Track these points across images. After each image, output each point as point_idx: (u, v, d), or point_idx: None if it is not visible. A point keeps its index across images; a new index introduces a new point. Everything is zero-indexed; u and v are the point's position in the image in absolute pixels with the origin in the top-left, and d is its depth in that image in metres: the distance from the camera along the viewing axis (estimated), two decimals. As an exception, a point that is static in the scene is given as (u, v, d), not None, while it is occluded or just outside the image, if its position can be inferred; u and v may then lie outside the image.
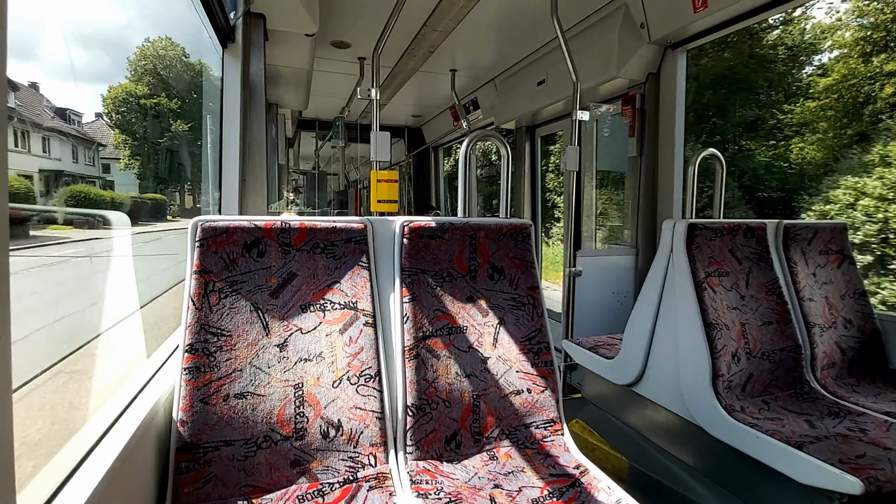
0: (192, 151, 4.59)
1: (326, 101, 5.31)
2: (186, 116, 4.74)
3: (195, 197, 4.70)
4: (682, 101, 2.65)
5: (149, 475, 0.99)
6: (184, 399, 1.04)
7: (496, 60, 3.91)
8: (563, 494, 1.11)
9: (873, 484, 1.15)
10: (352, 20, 3.08)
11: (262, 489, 1.06)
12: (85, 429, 0.88)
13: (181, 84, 4.83)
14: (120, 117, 4.96)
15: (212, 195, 2.27)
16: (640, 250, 2.79)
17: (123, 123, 4.89)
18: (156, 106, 4.85)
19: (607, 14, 2.78)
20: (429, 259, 1.33)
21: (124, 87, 5.03)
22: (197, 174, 4.36)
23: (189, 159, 4.98)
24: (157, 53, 5.03)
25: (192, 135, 4.53)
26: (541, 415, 1.35)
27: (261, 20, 2.30)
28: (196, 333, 1.08)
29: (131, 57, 5.23)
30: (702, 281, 1.66)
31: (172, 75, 4.91)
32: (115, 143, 4.69)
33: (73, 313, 1.50)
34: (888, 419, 1.50)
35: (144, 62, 5.11)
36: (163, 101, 4.86)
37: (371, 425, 1.17)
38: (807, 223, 1.99)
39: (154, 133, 4.77)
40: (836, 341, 1.86)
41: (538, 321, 1.41)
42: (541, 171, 4.46)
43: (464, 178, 1.63)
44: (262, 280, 1.17)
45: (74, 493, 0.70)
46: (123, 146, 4.72)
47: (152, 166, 4.63)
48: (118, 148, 4.69)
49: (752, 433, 1.41)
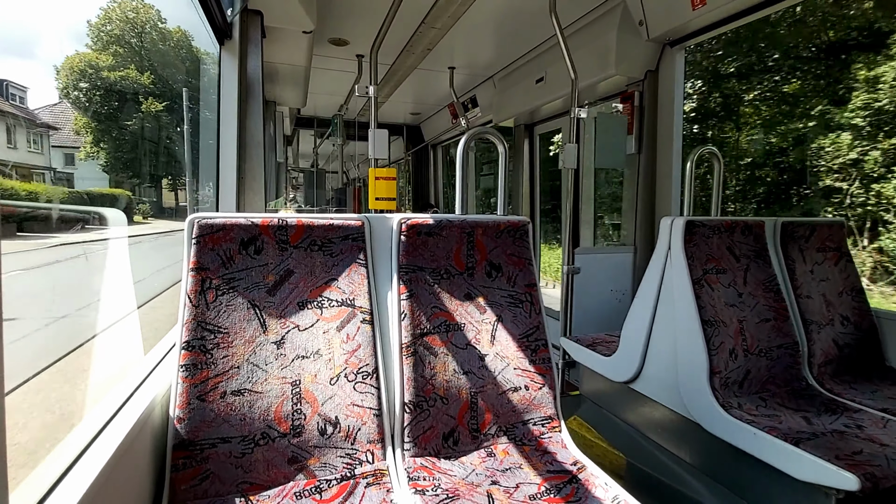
0: (170, 136, 4.05)
1: (325, 98, 5.30)
2: (163, 96, 4.11)
3: (177, 193, 4.22)
4: (681, 99, 2.65)
5: (146, 472, 0.99)
6: (181, 396, 1.04)
7: (495, 58, 3.90)
8: (560, 491, 1.12)
9: (870, 480, 1.16)
10: (350, 17, 3.07)
11: (259, 486, 1.06)
12: (80, 426, 0.88)
13: (156, 56, 4.20)
14: (79, 94, 4.12)
15: (189, 189, 2.14)
16: (639, 247, 2.80)
17: (83, 102, 4.14)
18: (122, 80, 4.09)
19: (606, 11, 2.78)
20: (426, 256, 1.33)
21: (84, 56, 4.19)
22: (177, 165, 3.96)
23: (169, 147, 4.26)
24: (126, 17, 4.27)
25: (169, 117, 3.98)
26: (538, 412, 1.35)
27: (258, 17, 2.30)
28: (193, 330, 1.08)
29: (94, 20, 4.31)
30: (699, 278, 1.66)
31: (146, 45, 4.21)
32: (76, 127, 3.99)
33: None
34: (885, 416, 1.50)
35: (111, 27, 4.31)
36: (132, 73, 4.10)
37: (368, 422, 1.17)
38: (804, 220, 1.99)
39: (123, 115, 4.06)
40: (834, 338, 1.86)
41: (536, 318, 1.41)
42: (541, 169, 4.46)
43: (461, 176, 1.63)
44: (260, 277, 1.17)
45: (70, 490, 0.70)
46: (86, 131, 4.03)
47: (121, 156, 3.98)
48: (80, 134, 3.98)
49: (749, 430, 1.41)
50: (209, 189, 2.14)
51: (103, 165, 3.96)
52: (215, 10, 1.93)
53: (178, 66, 3.99)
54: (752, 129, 7.41)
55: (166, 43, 4.12)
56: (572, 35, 2.99)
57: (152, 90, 4.10)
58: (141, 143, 4.07)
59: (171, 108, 4.07)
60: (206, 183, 2.14)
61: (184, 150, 2.32)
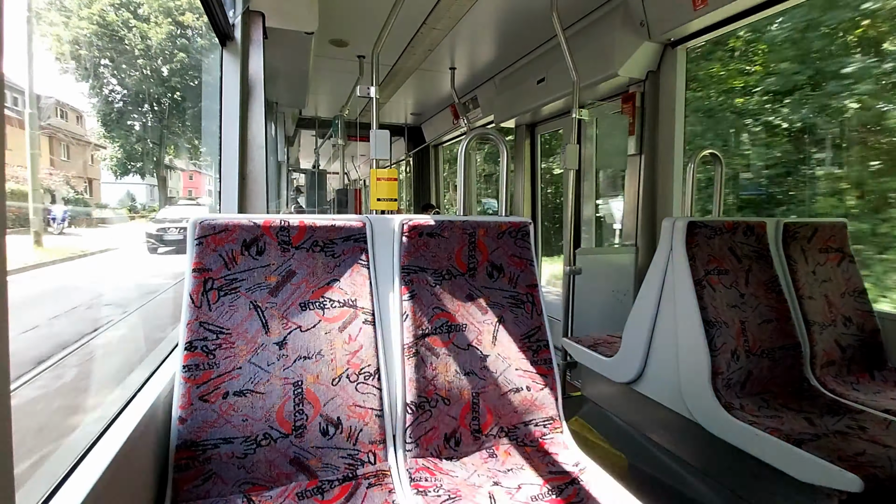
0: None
1: (326, 99, 5.31)
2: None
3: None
4: (682, 99, 2.65)
5: (148, 472, 0.99)
6: (183, 397, 1.04)
7: (496, 58, 3.90)
8: (562, 492, 1.12)
9: (873, 481, 1.15)
10: (351, 18, 3.08)
11: (261, 486, 1.06)
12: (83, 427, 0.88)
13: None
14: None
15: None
16: (640, 248, 2.79)
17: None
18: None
19: (607, 12, 2.78)
20: (428, 257, 1.33)
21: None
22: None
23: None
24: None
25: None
26: (540, 412, 1.35)
27: (260, 18, 2.30)
28: (195, 331, 1.08)
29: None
30: (701, 279, 1.66)
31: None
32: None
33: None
34: (887, 417, 1.50)
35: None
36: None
37: (370, 423, 1.17)
38: (807, 221, 1.99)
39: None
40: (836, 339, 1.86)
41: (537, 319, 1.41)
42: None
43: (462, 177, 1.63)
44: (262, 278, 1.17)
45: (74, 490, 0.70)
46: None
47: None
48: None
49: (751, 431, 1.41)
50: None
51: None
52: (217, 12, 1.94)
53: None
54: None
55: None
56: (573, 35, 2.99)
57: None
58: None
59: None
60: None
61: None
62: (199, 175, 5.89)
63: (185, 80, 3.73)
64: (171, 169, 4.33)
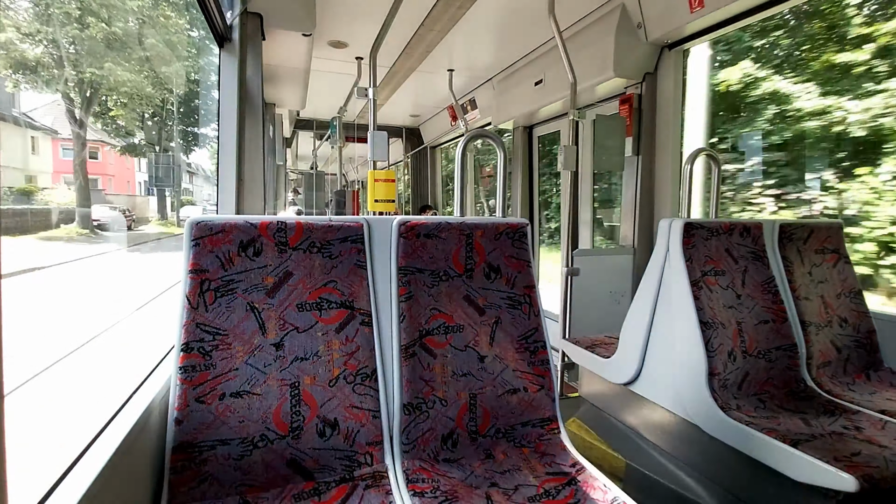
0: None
1: (324, 100, 5.31)
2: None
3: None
4: (679, 101, 2.66)
5: (144, 474, 0.99)
6: (179, 398, 1.04)
7: (494, 60, 3.91)
8: (559, 493, 1.12)
9: (868, 481, 1.16)
10: (349, 20, 3.08)
11: (258, 488, 1.06)
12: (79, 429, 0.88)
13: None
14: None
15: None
16: (638, 249, 2.80)
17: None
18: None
19: (604, 14, 2.79)
20: (425, 258, 1.33)
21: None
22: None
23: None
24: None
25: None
26: (537, 413, 1.35)
27: (258, 19, 2.30)
28: (191, 332, 1.08)
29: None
30: (698, 280, 1.67)
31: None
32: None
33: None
34: (883, 417, 1.51)
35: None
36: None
37: (367, 424, 1.17)
38: (803, 222, 2.00)
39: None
40: (832, 340, 1.87)
41: (535, 320, 1.41)
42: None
43: (460, 178, 1.63)
44: (258, 279, 1.17)
45: (69, 492, 0.70)
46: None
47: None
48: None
49: (747, 431, 1.41)
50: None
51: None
52: (215, 13, 1.94)
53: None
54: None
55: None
56: (571, 37, 3.00)
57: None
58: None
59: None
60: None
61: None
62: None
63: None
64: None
